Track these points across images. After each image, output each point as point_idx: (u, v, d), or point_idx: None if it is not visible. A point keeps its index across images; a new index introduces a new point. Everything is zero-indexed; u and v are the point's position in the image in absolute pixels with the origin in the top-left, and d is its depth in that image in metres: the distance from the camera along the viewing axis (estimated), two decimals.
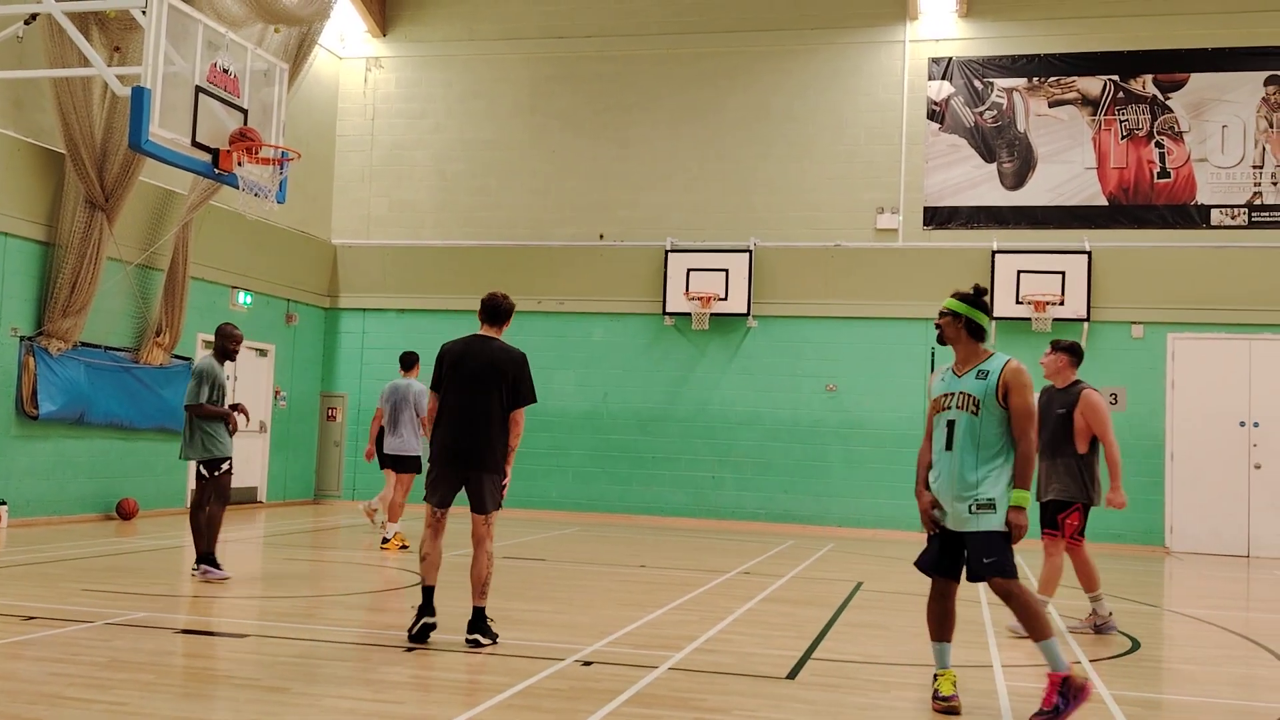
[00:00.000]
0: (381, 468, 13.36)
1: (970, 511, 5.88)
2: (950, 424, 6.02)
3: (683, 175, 18.83)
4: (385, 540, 12.67)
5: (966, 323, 6.10)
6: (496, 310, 7.61)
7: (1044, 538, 8.58)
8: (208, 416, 9.83)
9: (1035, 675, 6.97)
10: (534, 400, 7.46)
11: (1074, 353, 8.64)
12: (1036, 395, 6.08)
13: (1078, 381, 8.60)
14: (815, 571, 12.19)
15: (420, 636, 7.15)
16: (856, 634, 8.27)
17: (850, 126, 18.34)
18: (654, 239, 18.63)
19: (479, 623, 7.22)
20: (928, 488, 6.08)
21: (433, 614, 7.22)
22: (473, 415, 7.31)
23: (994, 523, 5.84)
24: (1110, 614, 8.64)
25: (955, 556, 6.03)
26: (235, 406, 10.02)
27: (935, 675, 6.08)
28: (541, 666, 6.58)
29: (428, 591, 7.27)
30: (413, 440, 12.93)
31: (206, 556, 9.76)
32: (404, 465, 13.04)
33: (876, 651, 7.62)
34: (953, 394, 6.05)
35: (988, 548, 5.87)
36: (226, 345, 10.17)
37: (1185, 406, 16.77)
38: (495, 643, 7.18)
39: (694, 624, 8.33)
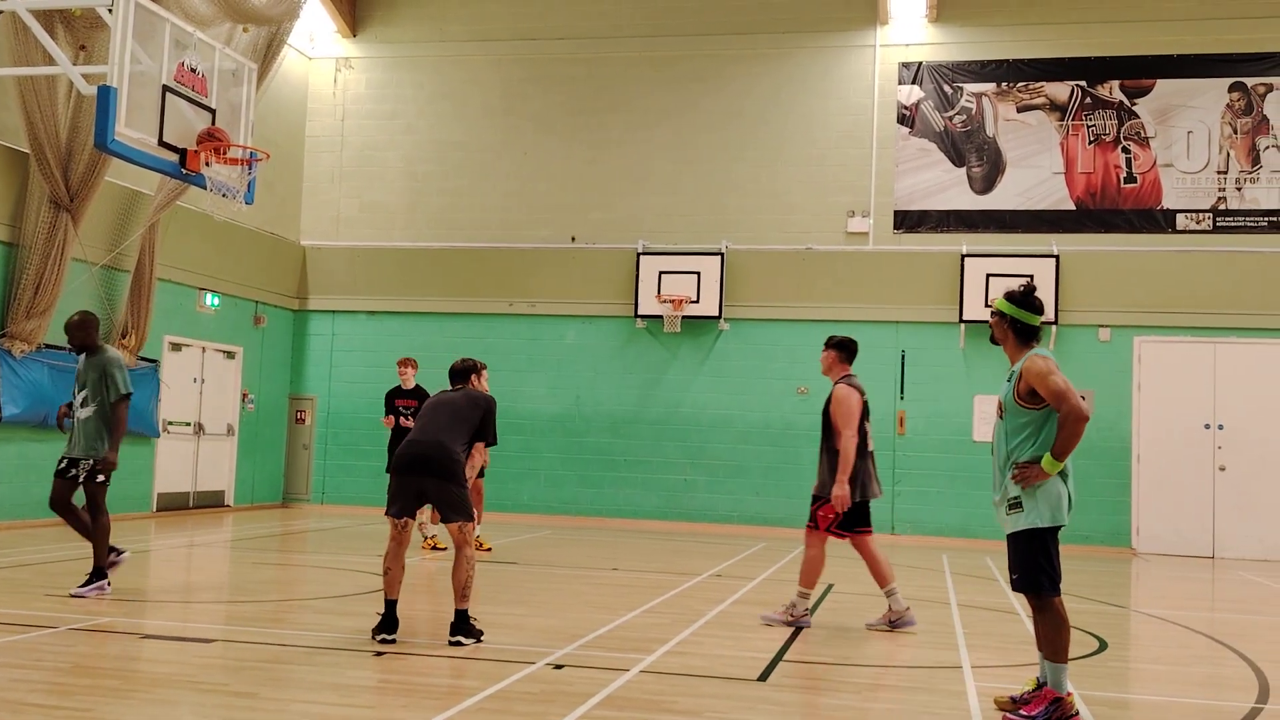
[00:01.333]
0: None
1: (1005, 514, 5.86)
2: (994, 430, 6.04)
3: (655, 178, 18.83)
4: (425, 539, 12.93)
5: (1013, 323, 5.99)
6: (459, 372, 8.19)
7: (805, 529, 8.75)
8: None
9: (1006, 676, 6.99)
10: (494, 442, 7.87)
11: (843, 348, 8.91)
12: (1004, 381, 6.06)
13: (846, 375, 8.81)
14: (787, 574, 12.20)
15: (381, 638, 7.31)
16: (828, 636, 8.27)
17: (821, 130, 18.39)
18: (626, 241, 18.62)
19: (461, 625, 7.33)
20: None
21: (394, 629, 7.32)
22: (433, 427, 7.53)
23: (1021, 522, 5.78)
24: (907, 609, 8.59)
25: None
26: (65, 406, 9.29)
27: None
28: (513, 670, 6.55)
29: (390, 605, 7.38)
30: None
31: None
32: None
33: (848, 653, 7.62)
34: (999, 399, 6.04)
35: (1014, 555, 5.83)
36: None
37: (1151, 409, 16.91)
38: (480, 641, 7.31)
39: (666, 627, 8.32)
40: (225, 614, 8.51)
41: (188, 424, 17.21)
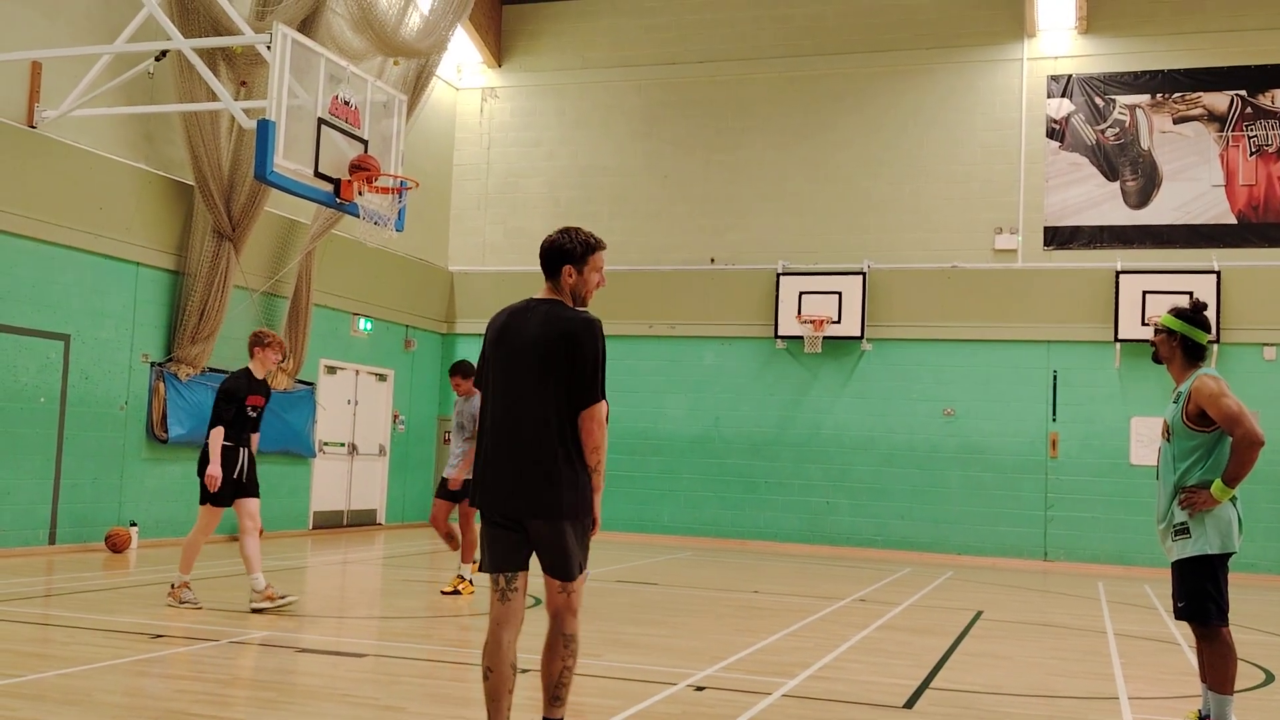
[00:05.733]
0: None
1: (1172, 539, 5.67)
2: (1160, 453, 5.86)
3: (794, 198, 18.74)
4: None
5: (1183, 341, 5.80)
6: (546, 256, 4.99)
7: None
8: None
9: (1166, 708, 6.72)
10: (595, 397, 4.65)
11: None
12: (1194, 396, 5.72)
13: None
14: (933, 599, 11.95)
15: None
16: (977, 663, 8.07)
17: (967, 146, 18.06)
18: (765, 262, 18.56)
19: None
20: None
21: None
22: (516, 431, 4.70)
23: (1189, 549, 5.56)
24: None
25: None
26: None
27: None
28: (654, 691, 6.55)
29: None
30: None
31: None
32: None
33: (998, 681, 7.42)
34: (1164, 421, 5.85)
35: (1180, 582, 5.62)
36: None
37: None
38: None
39: (808, 651, 8.22)
40: (377, 629, 8.73)
41: (342, 444, 17.75)
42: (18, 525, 12.40)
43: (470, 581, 10.61)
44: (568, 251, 4.91)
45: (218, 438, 9.01)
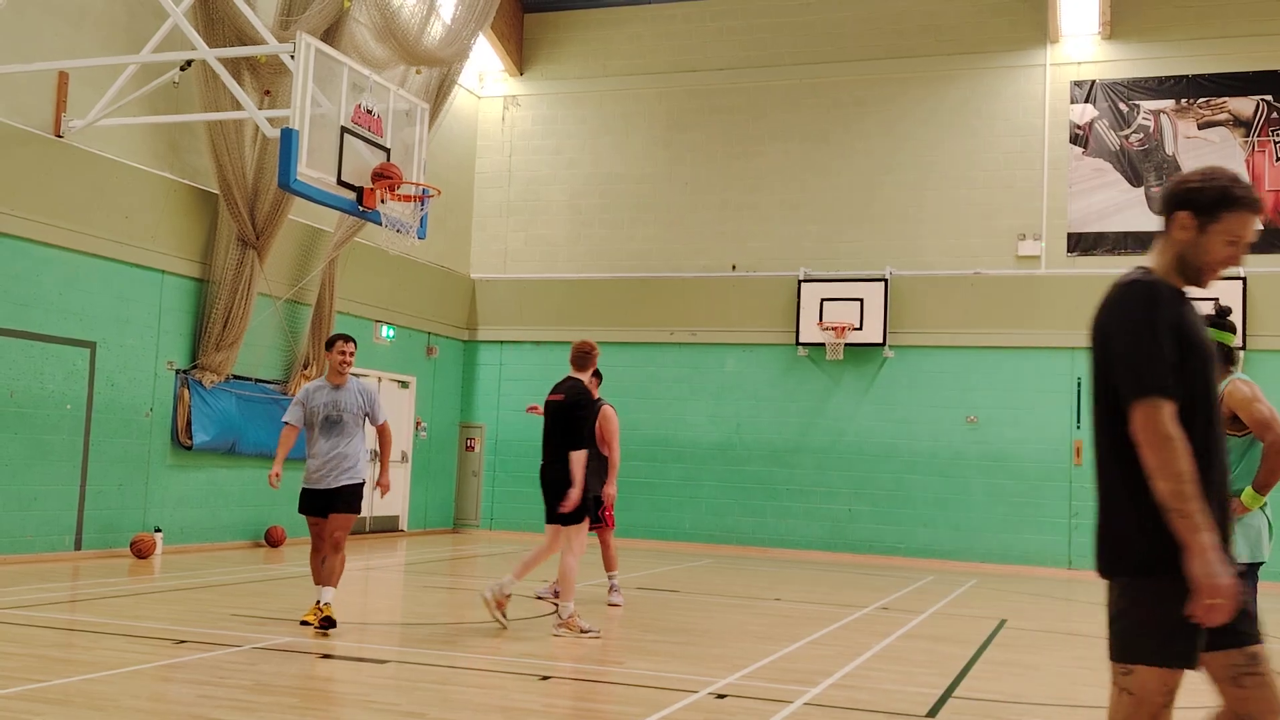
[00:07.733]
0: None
1: None
2: None
3: (815, 204, 18.71)
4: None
5: None
6: (1163, 200, 3.55)
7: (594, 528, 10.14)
8: None
9: (1193, 718, 6.66)
10: (1129, 392, 3.41)
11: (599, 375, 10.38)
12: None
13: (600, 399, 10.35)
14: (956, 608, 11.89)
15: None
16: (1000, 672, 8.03)
17: (989, 152, 18.00)
18: (787, 269, 18.53)
19: None
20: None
21: None
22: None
23: None
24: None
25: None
26: None
27: None
28: (675, 698, 6.54)
29: None
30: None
31: None
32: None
33: (1022, 691, 7.38)
34: None
35: None
36: None
37: None
38: None
39: (830, 659, 8.20)
40: (399, 636, 8.75)
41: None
42: (44, 531, 12.49)
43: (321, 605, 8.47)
44: (1192, 192, 3.31)
45: (581, 460, 8.71)
